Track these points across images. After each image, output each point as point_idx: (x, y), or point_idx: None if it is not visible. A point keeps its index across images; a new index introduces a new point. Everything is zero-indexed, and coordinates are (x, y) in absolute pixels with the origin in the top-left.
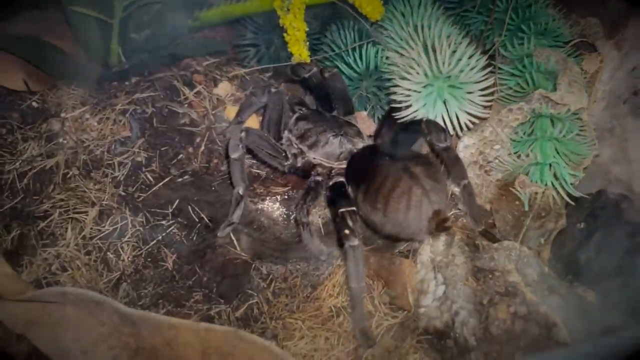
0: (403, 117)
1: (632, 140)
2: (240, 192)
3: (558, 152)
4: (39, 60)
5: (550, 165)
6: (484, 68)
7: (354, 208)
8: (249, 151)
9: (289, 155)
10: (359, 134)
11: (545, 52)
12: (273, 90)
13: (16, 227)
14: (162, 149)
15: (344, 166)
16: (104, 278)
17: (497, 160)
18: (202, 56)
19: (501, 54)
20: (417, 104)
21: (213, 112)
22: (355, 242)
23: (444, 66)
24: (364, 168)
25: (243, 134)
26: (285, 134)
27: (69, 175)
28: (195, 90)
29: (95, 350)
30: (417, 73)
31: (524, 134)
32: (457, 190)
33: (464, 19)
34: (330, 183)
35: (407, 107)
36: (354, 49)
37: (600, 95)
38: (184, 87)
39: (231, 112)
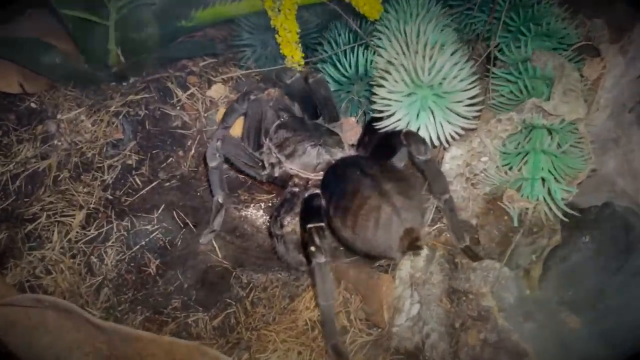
0: (384, 127)
1: (638, 152)
2: (220, 200)
3: (553, 166)
4: (37, 61)
5: (543, 179)
6: (472, 75)
7: (322, 224)
8: (227, 160)
9: (267, 165)
10: (339, 143)
11: (543, 57)
12: (252, 97)
13: (4, 230)
14: (153, 152)
15: (321, 177)
16: (86, 282)
17: (482, 174)
18: (200, 57)
19: (498, 58)
20: (400, 113)
21: (205, 114)
22: (322, 259)
23: (424, 74)
24: (336, 182)
25: (219, 143)
26: (267, 142)
27: (59, 178)
28: (188, 93)
29: (69, 356)
30: (399, 80)
31: (517, 145)
32: (439, 204)
33: (468, 18)
34: (306, 195)
35: (389, 116)
36: (344, 52)
37: (603, 103)
38: (177, 89)
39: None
